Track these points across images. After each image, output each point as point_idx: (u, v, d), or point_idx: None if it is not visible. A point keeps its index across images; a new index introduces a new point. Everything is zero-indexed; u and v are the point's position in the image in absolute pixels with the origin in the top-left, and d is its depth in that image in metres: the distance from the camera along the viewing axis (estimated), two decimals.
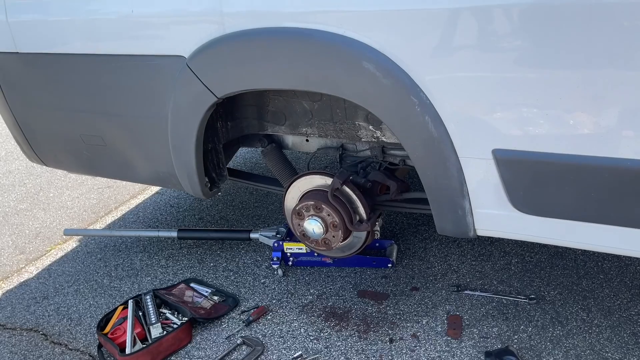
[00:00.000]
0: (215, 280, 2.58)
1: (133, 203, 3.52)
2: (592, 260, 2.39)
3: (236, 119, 2.26)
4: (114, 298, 2.55)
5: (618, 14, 1.30)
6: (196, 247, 2.86)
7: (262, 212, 3.17)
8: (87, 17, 2.04)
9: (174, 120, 2.04)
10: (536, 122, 1.49)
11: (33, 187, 3.92)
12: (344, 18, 1.60)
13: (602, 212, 1.53)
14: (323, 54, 1.66)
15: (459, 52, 1.50)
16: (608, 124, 1.42)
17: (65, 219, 3.40)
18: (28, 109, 2.45)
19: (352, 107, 2.00)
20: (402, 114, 1.64)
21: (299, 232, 2.25)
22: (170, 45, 1.91)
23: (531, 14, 1.38)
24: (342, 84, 1.69)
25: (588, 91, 1.40)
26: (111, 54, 2.05)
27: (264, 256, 2.70)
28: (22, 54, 2.26)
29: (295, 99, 2.10)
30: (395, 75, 1.59)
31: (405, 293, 2.33)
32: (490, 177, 1.62)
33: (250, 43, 1.76)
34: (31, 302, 2.62)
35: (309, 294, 2.40)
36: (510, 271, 2.39)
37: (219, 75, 1.86)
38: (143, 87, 2.06)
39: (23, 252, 3.08)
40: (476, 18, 1.45)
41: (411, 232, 2.78)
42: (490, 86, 1.51)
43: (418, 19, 1.51)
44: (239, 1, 1.74)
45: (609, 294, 2.19)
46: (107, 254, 2.92)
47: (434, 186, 1.73)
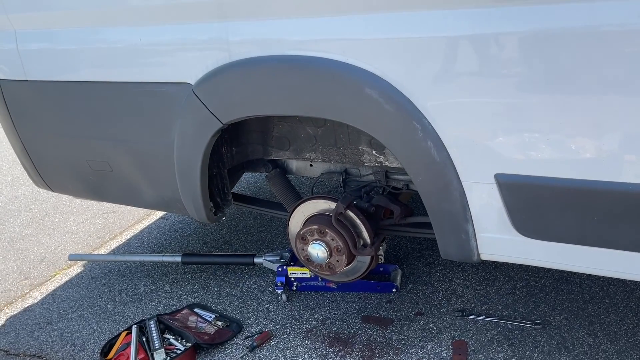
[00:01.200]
0: (219, 306, 2.57)
1: (138, 228, 3.53)
2: (598, 284, 2.38)
3: (241, 144, 2.28)
4: (117, 323, 2.54)
5: (617, 41, 1.33)
6: (200, 272, 2.86)
7: (266, 237, 3.17)
8: (95, 45, 2.09)
9: (180, 145, 2.07)
10: (538, 146, 1.51)
11: (39, 213, 3.94)
12: (346, 46, 1.64)
13: (606, 237, 1.53)
14: (326, 81, 1.69)
15: (460, 79, 1.53)
16: (609, 148, 1.43)
17: (70, 244, 3.41)
18: (36, 135, 2.49)
19: (356, 133, 2.02)
20: (404, 139, 1.66)
21: (303, 257, 2.26)
22: (177, 73, 1.95)
23: (530, 41, 1.41)
24: (346, 110, 1.72)
25: (589, 116, 1.42)
26: (119, 82, 2.09)
27: (268, 281, 2.70)
28: (31, 82, 2.30)
29: (300, 125, 2.13)
30: (397, 101, 1.61)
31: (410, 318, 2.32)
32: (493, 202, 1.63)
33: (256, 70, 1.79)
34: (35, 327, 2.61)
35: (313, 319, 2.39)
36: (515, 296, 2.38)
37: (224, 102, 1.90)
38: (150, 113, 2.09)
39: (28, 277, 3.08)
40: (476, 46, 1.48)
41: (415, 256, 2.77)
42: (492, 111, 1.53)
43: (420, 46, 1.55)
44: (245, 30, 1.78)
45: (615, 319, 2.17)
46: (111, 279, 2.92)
47: (437, 210, 1.74)
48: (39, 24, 2.19)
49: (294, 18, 1.69)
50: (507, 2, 1.41)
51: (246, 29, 1.78)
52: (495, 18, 1.43)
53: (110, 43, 2.06)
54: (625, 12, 1.30)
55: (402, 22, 1.54)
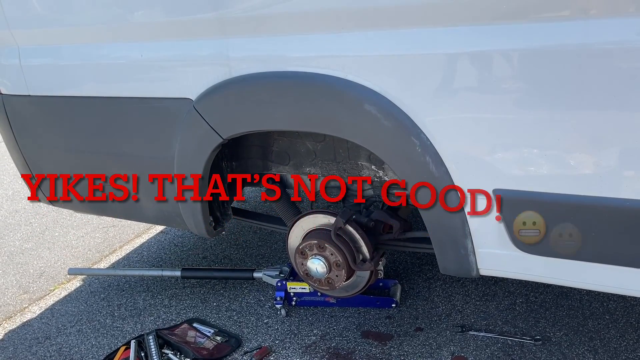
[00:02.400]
0: (218, 320, 2.57)
1: (137, 242, 3.53)
2: (598, 300, 2.37)
3: (241, 159, 2.29)
4: (116, 338, 2.53)
5: (615, 57, 1.34)
6: (199, 287, 2.85)
7: (265, 251, 3.17)
8: (97, 61, 2.11)
9: (180, 160, 2.08)
10: (536, 162, 1.52)
11: (39, 226, 3.94)
12: (346, 62, 1.66)
13: (605, 252, 1.53)
14: (326, 97, 1.71)
15: (458, 95, 1.54)
16: (608, 164, 1.44)
17: (69, 258, 3.41)
18: (37, 149, 2.50)
19: (355, 148, 2.03)
20: (403, 154, 1.68)
21: (302, 272, 2.26)
22: (178, 88, 1.97)
23: (528, 58, 1.43)
24: (345, 126, 1.73)
25: (587, 132, 1.43)
26: (120, 97, 2.11)
27: (267, 296, 2.69)
28: (33, 97, 2.32)
29: (299, 140, 2.14)
30: (396, 117, 1.63)
31: (410, 334, 2.31)
32: (492, 217, 1.64)
33: (256, 86, 1.81)
34: (33, 342, 2.60)
35: (312, 335, 2.38)
36: (515, 311, 2.37)
37: (225, 117, 1.91)
38: (150, 128, 2.11)
39: (27, 291, 3.07)
40: (474, 62, 1.49)
41: (415, 271, 2.77)
42: (490, 127, 1.54)
43: (418, 63, 1.56)
44: (245, 46, 1.80)
45: (615, 334, 2.17)
46: (110, 294, 2.91)
47: (436, 225, 1.75)
48: (42, 40, 2.21)
49: (294, 35, 1.71)
50: (505, 19, 1.43)
51: (247, 46, 1.80)
52: (493, 35, 1.45)
53: (112, 59, 2.08)
54: (622, 30, 1.32)
55: (401, 39, 1.56)
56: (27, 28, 2.22)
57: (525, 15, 1.41)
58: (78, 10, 2.08)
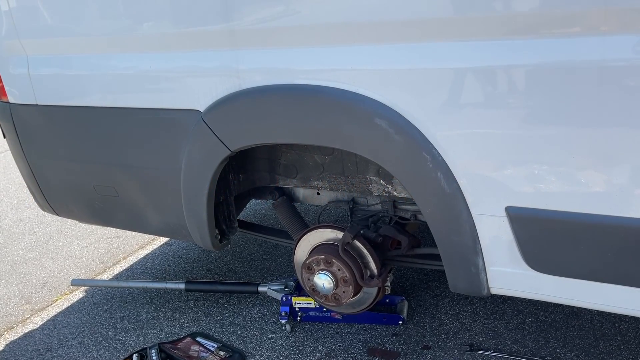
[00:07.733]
0: (221, 335, 2.53)
1: (141, 253, 3.50)
2: (609, 321, 2.33)
3: (248, 171, 2.28)
4: (118, 351, 2.50)
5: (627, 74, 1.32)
6: (203, 300, 2.82)
7: (270, 265, 3.14)
8: (106, 72, 2.11)
9: (187, 172, 2.06)
10: (548, 179, 1.49)
11: (43, 236, 3.93)
12: (356, 76, 1.64)
13: (618, 273, 1.50)
14: (336, 110, 1.69)
15: (469, 109, 1.52)
16: (620, 182, 1.41)
17: (73, 269, 3.39)
18: (43, 159, 2.50)
19: (364, 162, 2.01)
20: (414, 169, 1.65)
21: (308, 287, 2.22)
22: (187, 100, 1.96)
23: (539, 73, 1.41)
24: (354, 139, 1.71)
25: (598, 149, 1.41)
26: (128, 107, 2.10)
27: (272, 310, 2.66)
28: (41, 106, 2.32)
29: (307, 153, 2.12)
30: (407, 132, 1.61)
31: (417, 352, 2.27)
32: (503, 235, 1.61)
33: (265, 99, 1.80)
34: (34, 354, 2.57)
35: (317, 351, 2.34)
36: (524, 331, 2.33)
37: (233, 130, 1.90)
38: (158, 139, 2.09)
39: (29, 302, 3.05)
40: (486, 77, 1.48)
41: (422, 288, 2.73)
42: (501, 143, 1.52)
43: (430, 77, 1.55)
44: (254, 58, 1.79)
45: (627, 357, 2.12)
46: (113, 305, 2.88)
47: (446, 242, 1.72)
48: (51, 50, 2.21)
49: (305, 47, 1.70)
50: (517, 34, 1.42)
51: (257, 58, 1.79)
52: (505, 50, 1.44)
53: (121, 69, 2.08)
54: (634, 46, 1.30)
55: (412, 52, 1.55)
56: (37, 38, 2.23)
57: (536, 30, 1.39)
58: (87, 21, 2.08)
